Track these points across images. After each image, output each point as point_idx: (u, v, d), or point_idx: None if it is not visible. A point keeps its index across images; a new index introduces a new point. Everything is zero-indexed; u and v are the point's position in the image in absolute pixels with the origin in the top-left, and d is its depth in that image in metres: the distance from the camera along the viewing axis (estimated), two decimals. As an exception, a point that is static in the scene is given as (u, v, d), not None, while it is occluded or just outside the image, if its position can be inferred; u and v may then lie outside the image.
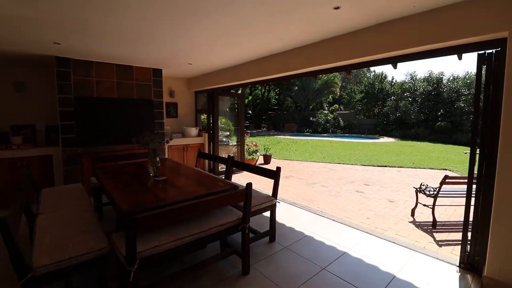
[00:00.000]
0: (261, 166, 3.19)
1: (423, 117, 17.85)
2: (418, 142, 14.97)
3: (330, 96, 26.49)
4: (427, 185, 3.88)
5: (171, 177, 3.02)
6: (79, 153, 4.61)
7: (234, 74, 5.14)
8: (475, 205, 2.58)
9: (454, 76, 18.10)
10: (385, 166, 8.51)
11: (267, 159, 8.42)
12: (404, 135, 17.48)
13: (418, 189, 3.96)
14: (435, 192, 3.66)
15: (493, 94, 2.37)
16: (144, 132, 3.13)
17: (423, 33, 2.60)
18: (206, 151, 6.48)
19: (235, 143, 7.68)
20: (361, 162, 8.91)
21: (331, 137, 17.88)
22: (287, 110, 26.50)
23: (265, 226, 3.32)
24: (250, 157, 7.55)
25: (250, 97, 24.24)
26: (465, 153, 3.13)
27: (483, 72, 2.54)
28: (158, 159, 3.00)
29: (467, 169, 7.58)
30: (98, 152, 4.76)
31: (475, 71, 2.67)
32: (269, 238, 3.09)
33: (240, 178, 6.25)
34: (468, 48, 2.61)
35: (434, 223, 3.66)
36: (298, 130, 21.38)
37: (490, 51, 2.43)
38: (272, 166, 8.06)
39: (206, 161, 6.61)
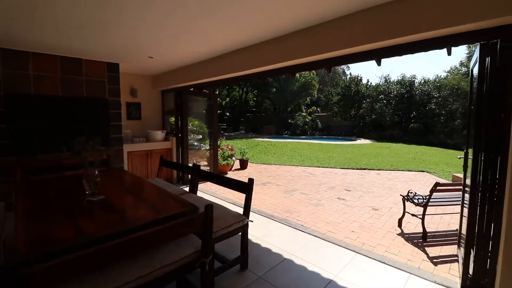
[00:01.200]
0: (230, 177, 2.62)
1: (397, 119, 18.27)
2: (394, 144, 15.21)
3: (308, 98, 26.57)
4: (415, 193, 3.54)
5: (114, 195, 2.37)
6: (13, 163, 3.78)
7: (203, 70, 4.55)
8: (479, 218, 2.21)
9: (425, 79, 18.74)
10: (364, 168, 8.31)
11: (243, 164, 7.87)
12: (379, 137, 17.76)
13: (406, 197, 3.61)
14: (425, 201, 3.31)
15: (500, 90, 2.01)
16: (93, 136, 2.47)
17: (412, 20, 2.20)
18: (174, 157, 5.81)
19: (208, 147, 7.06)
20: (341, 165, 8.65)
21: (309, 139, 17.74)
22: (265, 112, 26.17)
23: (235, 248, 2.76)
24: (224, 162, 6.96)
25: (228, 99, 23.60)
26: (459, 158, 2.77)
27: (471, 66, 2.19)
28: (96, 172, 2.35)
29: (444, 171, 7.44)
30: (38, 162, 3.94)
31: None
32: (240, 266, 2.54)
33: (212, 187, 5.64)
34: (464, 38, 2.24)
35: (425, 235, 3.31)
36: (277, 132, 21.09)
37: (495, 41, 2.08)
38: (249, 171, 7.53)
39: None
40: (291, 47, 3.12)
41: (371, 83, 21.86)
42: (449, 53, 3.10)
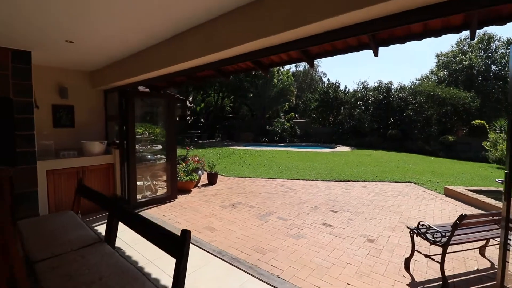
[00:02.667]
0: (155, 225, 1.47)
1: (375, 126, 18.05)
2: (374, 151, 14.78)
3: (286, 104, 26.00)
4: (429, 226, 2.63)
5: None
6: None
7: (147, 62, 3.44)
8: None
9: (401, 86, 18.79)
10: (348, 180, 7.51)
11: (212, 179, 6.73)
12: (359, 144, 17.37)
13: (416, 232, 2.69)
14: (446, 239, 2.41)
15: None
16: None
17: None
18: (118, 175, 4.55)
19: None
20: (322, 177, 7.79)
21: (288, 146, 16.95)
22: (243, 118, 25.18)
23: None
24: (187, 178, 5.78)
25: (203, 104, 22.34)
26: (500, 182, 1.84)
27: None
28: None
29: (432, 182, 6.74)
30: None
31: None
32: None
33: (165, 212, 4.45)
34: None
35: (445, 285, 2.40)
36: (255, 139, 20.12)
37: None
38: (218, 187, 6.40)
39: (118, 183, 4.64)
40: (259, 22, 2.12)
41: (349, 89, 21.69)
42: (472, 37, 2.31)
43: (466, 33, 2.57)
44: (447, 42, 51.27)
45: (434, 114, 17.01)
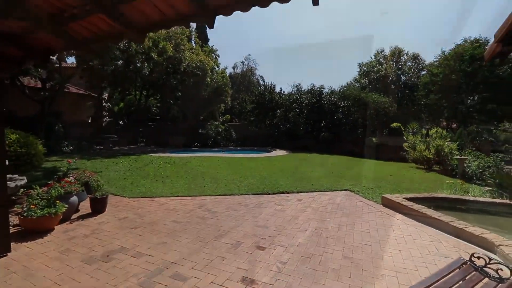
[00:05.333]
0: None
1: (309, 128, 18.12)
2: (309, 154, 14.52)
3: (222, 106, 24.51)
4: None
5: None
6: None
7: None
8: None
9: (332, 90, 19.41)
10: (283, 192, 6.46)
11: (99, 205, 4.71)
12: (294, 147, 17.10)
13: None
14: None
15: None
16: None
17: None
18: None
19: (21, 183, 3.66)
20: (254, 190, 6.55)
21: (222, 151, 15.49)
22: (173, 120, 22.63)
23: None
24: (43, 212, 3.68)
25: (122, 104, 19.03)
26: None
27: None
28: None
29: (367, 188, 3.82)
30: None
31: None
32: None
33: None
34: None
35: None
36: (186, 144, 18.00)
37: None
38: (103, 219, 4.44)
39: None
40: None
41: (284, 92, 21.51)
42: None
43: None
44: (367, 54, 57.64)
45: (360, 118, 17.98)
